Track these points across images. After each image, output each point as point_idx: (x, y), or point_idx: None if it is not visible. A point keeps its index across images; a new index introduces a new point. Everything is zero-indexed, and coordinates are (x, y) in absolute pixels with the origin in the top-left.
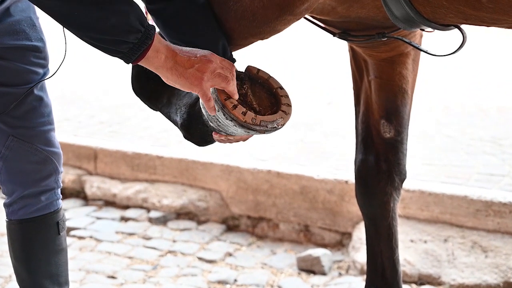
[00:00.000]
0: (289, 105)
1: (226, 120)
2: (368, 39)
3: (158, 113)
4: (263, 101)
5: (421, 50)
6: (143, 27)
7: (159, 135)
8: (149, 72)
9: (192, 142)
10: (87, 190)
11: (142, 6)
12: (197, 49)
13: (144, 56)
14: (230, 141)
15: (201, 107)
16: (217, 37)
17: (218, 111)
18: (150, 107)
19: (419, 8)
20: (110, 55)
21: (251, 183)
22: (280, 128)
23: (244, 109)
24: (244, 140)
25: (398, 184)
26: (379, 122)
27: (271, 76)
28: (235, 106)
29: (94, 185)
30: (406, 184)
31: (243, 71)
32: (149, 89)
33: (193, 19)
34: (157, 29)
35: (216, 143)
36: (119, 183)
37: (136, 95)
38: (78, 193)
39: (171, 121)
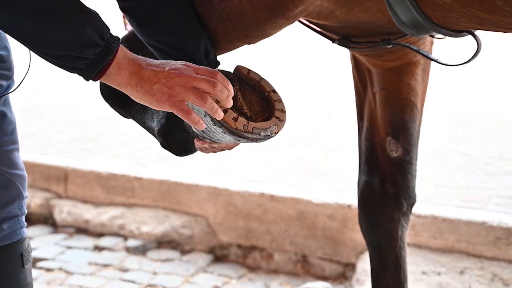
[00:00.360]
0: (283, 111)
1: (214, 126)
2: (372, 47)
3: (136, 128)
4: (254, 105)
5: (431, 59)
6: (103, 40)
7: (137, 153)
8: None
9: (170, 150)
10: (56, 215)
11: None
12: (169, 60)
13: (104, 73)
14: (214, 150)
15: None
16: (198, 36)
17: (205, 116)
18: (122, 115)
19: (428, 12)
20: (68, 71)
21: (242, 208)
22: (273, 136)
23: (235, 115)
24: (230, 148)
25: (406, 209)
26: (385, 139)
27: (263, 78)
28: (225, 111)
29: (64, 210)
30: (416, 209)
31: (232, 71)
32: (120, 93)
33: (171, 17)
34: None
35: (198, 153)
36: (93, 208)
37: (105, 100)
38: (46, 219)
39: (146, 128)
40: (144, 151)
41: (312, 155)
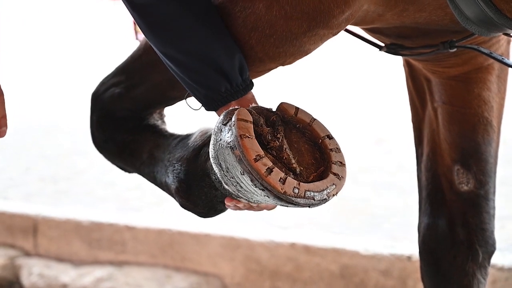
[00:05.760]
0: (343, 164)
1: (255, 188)
2: (430, 53)
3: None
4: (305, 156)
5: (507, 64)
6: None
7: (128, 194)
8: (121, 116)
9: (194, 212)
10: (24, 279)
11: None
12: None
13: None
14: (252, 209)
15: (212, 161)
16: (232, 47)
17: (243, 174)
18: (123, 168)
19: (500, 4)
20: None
21: (268, 263)
22: (331, 199)
23: (282, 175)
24: (271, 208)
25: (483, 260)
26: (452, 168)
27: (314, 119)
28: (269, 170)
29: (34, 272)
30: (497, 259)
31: (275, 109)
32: (120, 141)
33: (197, 20)
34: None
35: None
36: (71, 268)
37: (100, 151)
38: (10, 284)
39: (158, 185)
40: (136, 192)
41: (357, 191)
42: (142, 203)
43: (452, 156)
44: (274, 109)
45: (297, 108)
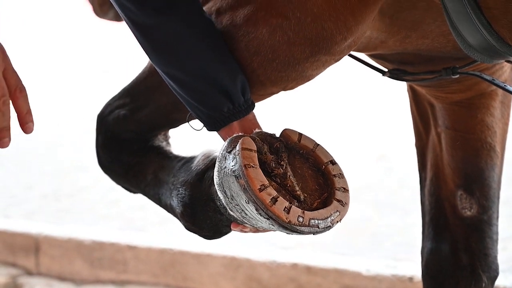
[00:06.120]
0: (346, 190)
1: (260, 217)
2: (432, 79)
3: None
4: (308, 182)
5: (508, 91)
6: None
7: (130, 213)
8: (126, 138)
9: (200, 235)
10: None
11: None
12: None
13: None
14: (258, 232)
15: (216, 186)
16: (234, 68)
17: (248, 203)
18: (128, 189)
19: (502, 32)
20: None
21: (269, 284)
22: (335, 225)
23: (287, 204)
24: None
25: (487, 285)
26: (455, 193)
27: (318, 145)
28: (274, 200)
29: None
30: (499, 281)
31: (278, 136)
32: (125, 162)
33: (200, 42)
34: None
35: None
36: (73, 287)
37: (105, 172)
38: None
39: (163, 206)
40: (139, 212)
41: (359, 210)
42: (144, 223)
43: (455, 181)
44: (277, 134)
45: (300, 134)
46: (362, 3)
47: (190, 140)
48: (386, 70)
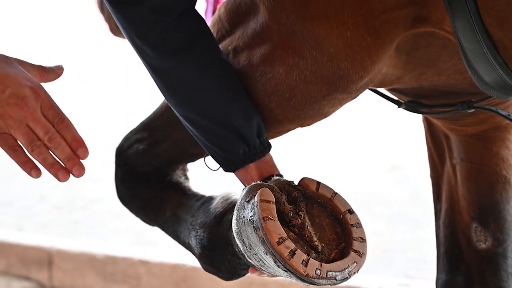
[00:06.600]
0: (363, 240)
1: (278, 268)
2: (448, 112)
3: None
4: (326, 232)
5: None
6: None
7: (143, 228)
8: (144, 172)
9: (218, 276)
10: None
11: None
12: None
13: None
14: (275, 277)
15: (235, 235)
16: (251, 111)
17: (266, 254)
18: (147, 222)
19: None
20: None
21: None
22: (352, 276)
23: (305, 256)
24: None
25: None
26: (470, 226)
27: (336, 193)
28: (292, 253)
29: None
30: None
31: (296, 184)
32: (144, 197)
33: (216, 84)
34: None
35: None
36: None
37: (124, 205)
38: None
39: (181, 243)
40: (149, 226)
41: (369, 225)
42: (157, 238)
43: (470, 214)
44: (295, 182)
45: (318, 183)
46: (378, 43)
47: (208, 174)
48: (402, 102)
